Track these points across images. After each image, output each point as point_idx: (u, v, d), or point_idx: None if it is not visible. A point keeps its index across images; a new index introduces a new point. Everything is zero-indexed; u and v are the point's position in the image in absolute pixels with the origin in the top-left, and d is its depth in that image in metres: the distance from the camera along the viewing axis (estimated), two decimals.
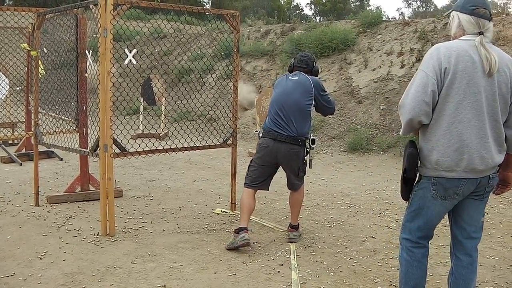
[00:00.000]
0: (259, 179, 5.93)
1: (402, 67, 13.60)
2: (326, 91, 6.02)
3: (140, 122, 13.94)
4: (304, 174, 6.01)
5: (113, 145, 5.94)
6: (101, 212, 5.99)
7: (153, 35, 19.56)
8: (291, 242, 5.90)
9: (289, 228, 6.11)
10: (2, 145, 11.44)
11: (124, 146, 6.18)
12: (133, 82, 8.70)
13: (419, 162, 3.57)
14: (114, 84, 5.89)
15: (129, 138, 6.59)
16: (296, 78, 5.85)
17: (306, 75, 5.90)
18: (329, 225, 6.59)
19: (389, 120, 12.31)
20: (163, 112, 14.19)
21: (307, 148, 5.82)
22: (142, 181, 8.91)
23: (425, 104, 3.36)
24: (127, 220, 6.59)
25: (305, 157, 5.84)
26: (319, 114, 6.36)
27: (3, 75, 11.70)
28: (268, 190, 6.24)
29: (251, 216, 6.70)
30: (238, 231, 5.59)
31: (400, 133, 3.66)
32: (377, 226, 6.64)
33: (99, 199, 6.42)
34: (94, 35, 7.49)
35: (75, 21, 7.21)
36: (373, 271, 5.12)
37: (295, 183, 5.99)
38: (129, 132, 6.76)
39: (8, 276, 4.84)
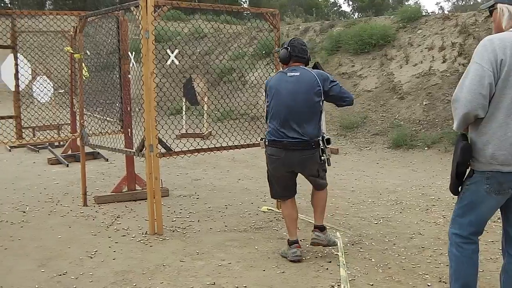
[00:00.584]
0: (284, 192, 5.46)
1: (444, 61, 13.43)
2: (335, 80, 5.30)
3: (185, 122, 14.03)
4: (325, 172, 5.45)
5: (158, 145, 6.00)
6: (149, 211, 6.06)
7: (193, 35, 19.67)
8: (314, 245, 5.38)
9: (314, 228, 5.44)
10: (49, 147, 11.66)
11: (169, 146, 6.23)
12: (176, 82, 8.77)
13: None
14: (157, 85, 5.95)
15: (173, 138, 6.64)
16: (297, 74, 5.14)
17: (306, 68, 5.23)
18: (376, 222, 6.55)
19: (432, 115, 12.17)
20: (206, 112, 14.25)
21: (322, 147, 5.18)
22: (187, 180, 8.98)
23: (482, 97, 3.29)
24: (174, 219, 6.65)
25: (322, 157, 5.19)
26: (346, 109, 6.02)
27: (47, 78, 11.90)
28: (296, 193, 5.56)
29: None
30: (290, 243, 5.28)
31: (454, 128, 3.56)
32: (424, 222, 6.56)
33: (145, 199, 6.50)
34: (135, 37, 7.57)
35: (116, 23, 7.30)
36: (422, 268, 5.06)
37: (319, 183, 5.44)
38: (174, 132, 6.81)
39: (60, 275, 4.94)
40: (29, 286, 4.70)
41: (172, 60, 12.46)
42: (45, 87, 11.62)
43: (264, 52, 15.14)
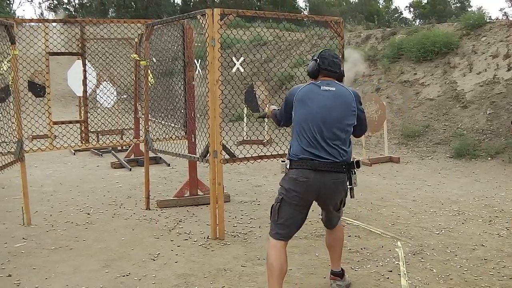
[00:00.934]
0: (295, 226, 4.49)
1: (508, 70, 13.14)
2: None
3: (248, 128, 14.07)
4: (345, 205, 4.74)
5: (222, 151, 6.08)
6: (211, 216, 6.15)
7: (256, 42, 19.76)
8: None
9: (332, 275, 4.85)
10: (112, 151, 11.92)
11: (233, 152, 6.31)
12: (241, 89, 8.87)
13: None
14: (222, 92, 6.04)
15: (236, 144, 6.70)
16: (333, 89, 4.42)
17: (342, 85, 4.55)
18: (437, 232, 6.47)
19: (496, 124, 11.93)
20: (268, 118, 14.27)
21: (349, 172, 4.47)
22: (248, 187, 9.05)
23: None
24: (235, 225, 6.71)
25: (348, 186, 4.50)
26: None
27: (110, 84, 12.18)
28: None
29: (357, 222, 6.69)
30: None
31: None
32: (487, 234, 6.45)
33: (207, 204, 6.60)
34: (197, 44, 7.67)
35: (181, 31, 7.42)
36: (484, 280, 4.99)
37: (335, 218, 4.77)
38: (237, 138, 6.88)
39: (124, 276, 5.08)
40: (94, 286, 4.85)
41: (238, 68, 12.57)
42: (109, 93, 11.90)
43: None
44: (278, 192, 4.51)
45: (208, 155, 6.10)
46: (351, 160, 4.46)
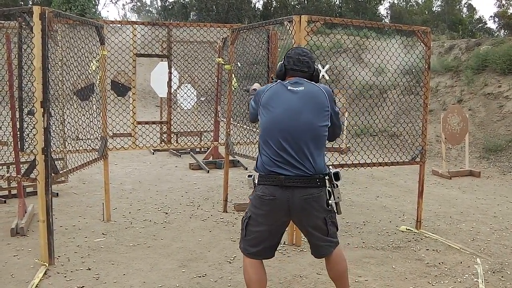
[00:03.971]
0: (262, 244, 4.03)
1: None
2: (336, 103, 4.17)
3: None
4: (337, 228, 4.11)
5: None
6: None
7: (337, 49, 19.65)
8: None
9: None
10: (191, 153, 12.09)
11: None
12: None
13: None
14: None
15: None
16: (302, 88, 3.95)
17: (313, 83, 4.05)
18: None
19: None
20: (345, 127, 14.22)
21: (328, 188, 3.96)
22: None
23: None
24: None
25: (329, 201, 3.95)
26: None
27: (191, 86, 12.34)
28: (274, 256, 4.24)
29: (436, 236, 6.57)
30: None
31: None
32: None
33: None
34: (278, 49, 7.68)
35: (266, 36, 7.46)
36: None
37: (325, 244, 4.05)
38: None
39: (200, 277, 5.15)
40: (171, 284, 4.94)
41: (323, 75, 12.54)
42: (190, 95, 12.05)
43: (410, 68, 14.89)
44: (248, 206, 4.11)
45: None
46: (328, 171, 3.96)
